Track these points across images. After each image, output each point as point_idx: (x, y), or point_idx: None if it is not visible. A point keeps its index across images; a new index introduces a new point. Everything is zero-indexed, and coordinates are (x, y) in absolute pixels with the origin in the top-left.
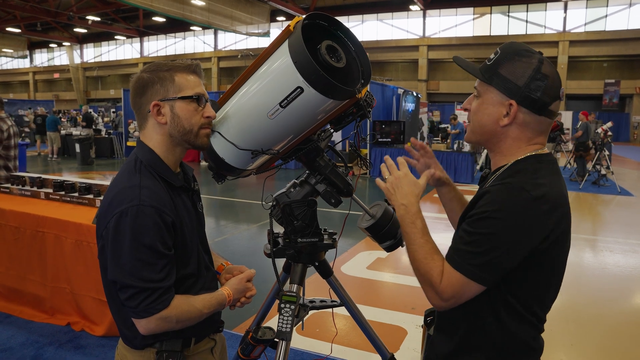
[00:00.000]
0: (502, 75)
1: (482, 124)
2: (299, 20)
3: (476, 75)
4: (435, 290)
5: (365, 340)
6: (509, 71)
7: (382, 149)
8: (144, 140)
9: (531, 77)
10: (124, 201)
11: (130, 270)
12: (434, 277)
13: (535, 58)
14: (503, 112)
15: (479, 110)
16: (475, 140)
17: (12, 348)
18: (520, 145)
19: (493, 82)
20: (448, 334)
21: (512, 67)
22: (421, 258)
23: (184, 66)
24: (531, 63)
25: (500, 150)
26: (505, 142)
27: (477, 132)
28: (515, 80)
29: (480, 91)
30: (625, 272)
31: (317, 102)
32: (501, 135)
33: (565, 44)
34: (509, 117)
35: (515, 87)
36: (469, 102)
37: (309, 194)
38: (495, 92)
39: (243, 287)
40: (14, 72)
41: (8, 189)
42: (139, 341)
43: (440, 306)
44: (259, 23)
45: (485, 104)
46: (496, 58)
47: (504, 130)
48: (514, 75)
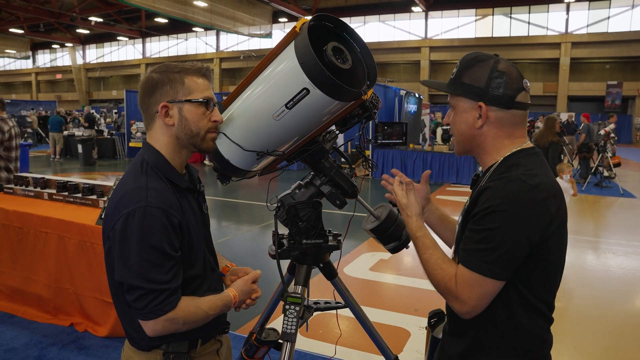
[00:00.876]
0: (466, 83)
1: (461, 132)
2: (305, 21)
3: (443, 90)
4: (455, 296)
5: (369, 342)
6: (470, 78)
7: (385, 151)
8: (150, 142)
9: (489, 77)
10: (131, 203)
11: (138, 271)
12: (448, 283)
13: (491, 60)
14: (476, 115)
15: (456, 121)
16: (461, 150)
17: (15, 348)
18: (502, 142)
19: (460, 91)
20: (459, 335)
21: (472, 73)
22: (430, 270)
23: (194, 69)
24: (487, 65)
25: (485, 151)
26: (487, 142)
27: (460, 141)
28: (477, 84)
29: (452, 104)
30: (629, 274)
31: (323, 103)
32: (480, 137)
33: (568, 45)
34: (481, 118)
35: (479, 89)
36: (448, 118)
37: (314, 196)
38: (464, 100)
39: (249, 288)
40: (17, 73)
41: (12, 190)
42: (145, 342)
43: (465, 312)
44: (261, 24)
45: (459, 113)
46: (457, 70)
47: (481, 131)
48: (475, 80)
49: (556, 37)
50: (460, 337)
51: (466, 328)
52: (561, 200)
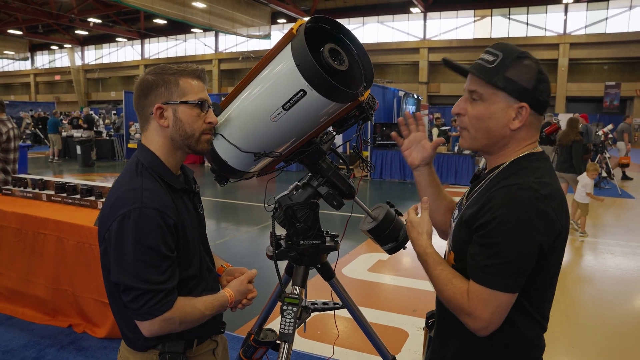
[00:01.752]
0: (511, 78)
1: (489, 129)
2: (302, 23)
3: (485, 78)
4: (467, 312)
5: (366, 343)
6: (516, 74)
7: (383, 151)
8: (145, 143)
9: (538, 80)
10: (126, 204)
11: (134, 272)
12: (459, 300)
13: (533, 60)
14: (512, 115)
15: (486, 116)
16: (478, 146)
17: (13, 350)
18: (522, 145)
19: (502, 85)
20: (453, 336)
21: (518, 70)
22: (441, 287)
23: (189, 71)
24: (534, 66)
25: (506, 153)
26: (512, 145)
27: (483, 137)
28: (524, 83)
29: (483, 95)
30: (627, 274)
31: (319, 104)
32: (509, 139)
33: (566, 46)
34: (520, 119)
35: (525, 89)
36: (462, 108)
37: (311, 197)
38: (503, 96)
39: (245, 288)
40: (15, 74)
41: (10, 191)
42: (141, 343)
43: (480, 328)
44: (260, 25)
45: (491, 108)
46: (500, 60)
47: (514, 133)
48: (522, 78)
49: (554, 38)
50: (452, 337)
51: (461, 329)
52: (567, 210)
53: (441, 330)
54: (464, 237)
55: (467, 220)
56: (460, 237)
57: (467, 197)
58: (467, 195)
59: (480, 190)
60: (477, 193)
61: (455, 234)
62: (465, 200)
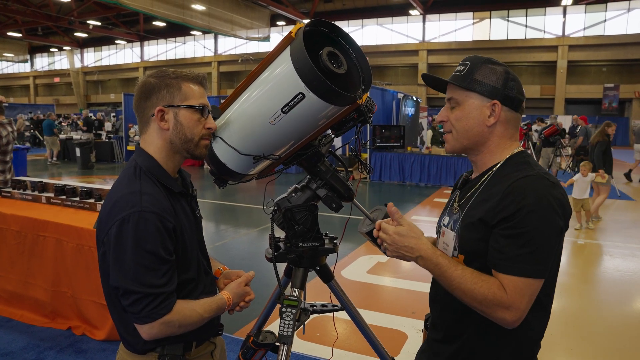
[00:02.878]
0: (479, 80)
1: (468, 128)
2: (301, 26)
3: (455, 83)
4: (506, 306)
5: (366, 345)
6: (484, 76)
7: (382, 154)
8: (143, 146)
9: (505, 79)
10: (125, 208)
11: (133, 276)
12: (497, 294)
13: (499, 64)
14: (487, 113)
15: (463, 117)
16: (460, 147)
17: (13, 352)
18: (505, 142)
19: (473, 87)
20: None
21: (486, 72)
22: (470, 286)
23: (191, 76)
24: (501, 67)
25: (489, 150)
26: (493, 141)
27: (463, 137)
28: (493, 83)
29: (459, 99)
30: (625, 276)
31: (318, 107)
32: (488, 135)
33: (565, 48)
34: (494, 116)
35: (494, 88)
36: (444, 115)
37: (310, 199)
38: (476, 97)
39: (242, 291)
40: (15, 77)
41: (9, 193)
42: (140, 346)
43: (517, 319)
44: (259, 27)
45: (468, 109)
46: (468, 67)
47: (491, 129)
48: (491, 79)
49: (553, 40)
50: (461, 341)
51: (471, 329)
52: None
53: (449, 336)
54: (477, 235)
55: (483, 218)
56: (473, 237)
57: (461, 201)
58: (458, 199)
59: (482, 190)
60: (478, 193)
61: (464, 235)
62: (457, 204)
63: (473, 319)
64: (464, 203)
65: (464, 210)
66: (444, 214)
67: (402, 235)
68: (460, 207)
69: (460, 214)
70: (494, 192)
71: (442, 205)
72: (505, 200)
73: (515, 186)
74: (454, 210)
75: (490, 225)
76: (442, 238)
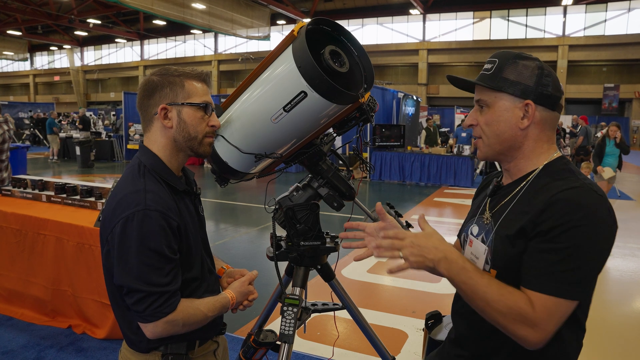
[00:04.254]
0: (509, 79)
1: (499, 133)
2: (303, 25)
3: (483, 84)
4: (531, 324)
5: (366, 344)
6: (515, 74)
7: (383, 153)
8: (147, 144)
9: (539, 75)
10: (129, 206)
11: (138, 274)
12: (524, 308)
13: (532, 58)
14: (520, 114)
15: (493, 120)
16: (493, 153)
17: (13, 351)
18: (543, 146)
19: (503, 87)
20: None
21: (517, 70)
22: (496, 296)
23: (194, 74)
24: (533, 63)
25: (524, 155)
26: (528, 145)
27: (495, 142)
28: (525, 81)
29: (487, 101)
30: (625, 276)
31: (320, 106)
32: (522, 139)
33: (565, 48)
34: (528, 117)
35: (527, 87)
36: (473, 118)
37: (311, 198)
38: (507, 97)
39: (246, 290)
40: (14, 75)
41: (10, 192)
42: (144, 345)
43: (540, 340)
44: (259, 26)
45: (498, 111)
46: (497, 65)
47: (525, 132)
48: (522, 77)
49: (553, 39)
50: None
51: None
52: None
53: (478, 355)
54: (515, 250)
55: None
56: (509, 252)
57: (492, 210)
58: (489, 207)
59: (518, 199)
60: (514, 203)
61: (498, 249)
62: (489, 213)
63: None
64: (496, 213)
65: (497, 221)
66: (470, 222)
67: (428, 236)
68: (493, 217)
69: (493, 225)
70: (535, 204)
71: (442, 205)
72: (547, 212)
73: (559, 198)
74: (485, 221)
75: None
76: (470, 248)
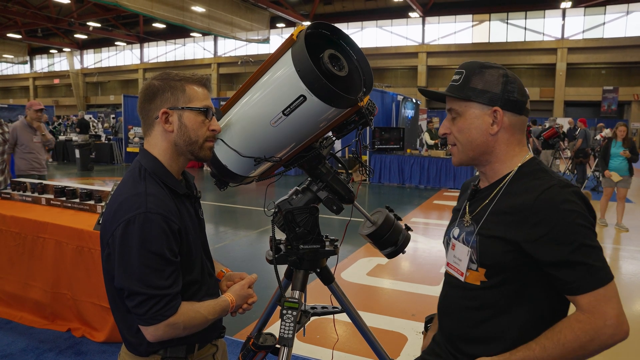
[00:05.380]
0: (477, 88)
1: (471, 139)
2: (302, 29)
3: (452, 95)
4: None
5: (366, 347)
6: (482, 83)
7: (382, 156)
8: (148, 148)
9: (504, 82)
10: (130, 209)
11: (139, 277)
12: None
13: (498, 67)
14: (489, 121)
15: (465, 128)
16: (467, 159)
17: (12, 354)
18: (514, 149)
19: (471, 97)
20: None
21: (483, 79)
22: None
23: (195, 78)
24: (498, 71)
25: (498, 158)
26: (500, 149)
27: (469, 148)
28: (491, 89)
29: (458, 110)
30: (625, 278)
31: (319, 110)
32: (494, 144)
33: (564, 51)
34: (497, 123)
35: (494, 94)
36: (447, 127)
37: (311, 201)
38: (476, 106)
39: (245, 293)
40: (14, 78)
41: (9, 195)
42: (144, 348)
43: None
44: (259, 29)
45: (469, 119)
46: (464, 76)
47: (495, 137)
48: (489, 85)
49: (552, 42)
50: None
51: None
52: None
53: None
54: (502, 249)
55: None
56: (496, 250)
57: (472, 213)
58: (469, 210)
59: (497, 201)
60: (494, 205)
61: (485, 249)
62: (469, 216)
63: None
64: (477, 215)
65: (479, 223)
66: (452, 225)
67: None
68: (473, 219)
69: (475, 227)
70: (518, 206)
71: (441, 208)
72: (538, 216)
73: (542, 200)
74: (466, 224)
75: (523, 242)
76: (453, 252)
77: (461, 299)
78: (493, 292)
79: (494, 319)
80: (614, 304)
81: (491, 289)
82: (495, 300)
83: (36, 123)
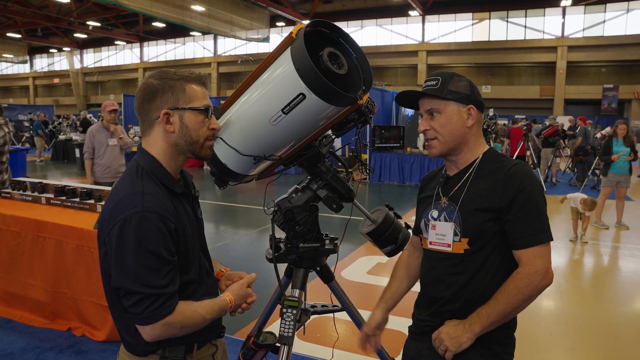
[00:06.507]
0: (454, 90)
1: (452, 131)
2: (301, 27)
3: (436, 94)
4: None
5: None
6: (456, 87)
7: (382, 154)
8: (146, 147)
9: (471, 87)
10: (127, 208)
11: (135, 276)
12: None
13: (463, 76)
14: (465, 116)
15: (447, 122)
16: (448, 149)
17: (12, 353)
18: (479, 140)
19: (452, 96)
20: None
21: (456, 84)
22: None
23: (193, 77)
24: (464, 78)
25: (469, 148)
26: (471, 139)
27: (450, 140)
28: (464, 92)
29: (439, 108)
30: (625, 276)
31: (319, 108)
32: (469, 135)
33: (564, 49)
34: (472, 118)
35: (467, 95)
36: (426, 125)
37: (310, 200)
38: (454, 104)
39: (244, 292)
40: (14, 77)
41: (9, 194)
42: (142, 348)
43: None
44: (259, 28)
45: (449, 115)
46: (441, 82)
47: (470, 130)
48: (461, 89)
49: (552, 40)
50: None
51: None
52: None
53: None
54: (483, 218)
55: (488, 204)
56: (478, 220)
57: (448, 194)
58: (443, 193)
59: (472, 181)
60: (469, 185)
61: (468, 221)
62: (446, 198)
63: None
64: (454, 195)
65: (458, 201)
66: (428, 210)
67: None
68: (450, 200)
69: (454, 206)
70: (491, 182)
71: None
72: (508, 185)
73: (511, 173)
74: (443, 204)
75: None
76: (434, 231)
77: (447, 267)
78: (474, 256)
79: (475, 279)
80: (545, 258)
81: (473, 255)
82: (477, 263)
83: (112, 126)
